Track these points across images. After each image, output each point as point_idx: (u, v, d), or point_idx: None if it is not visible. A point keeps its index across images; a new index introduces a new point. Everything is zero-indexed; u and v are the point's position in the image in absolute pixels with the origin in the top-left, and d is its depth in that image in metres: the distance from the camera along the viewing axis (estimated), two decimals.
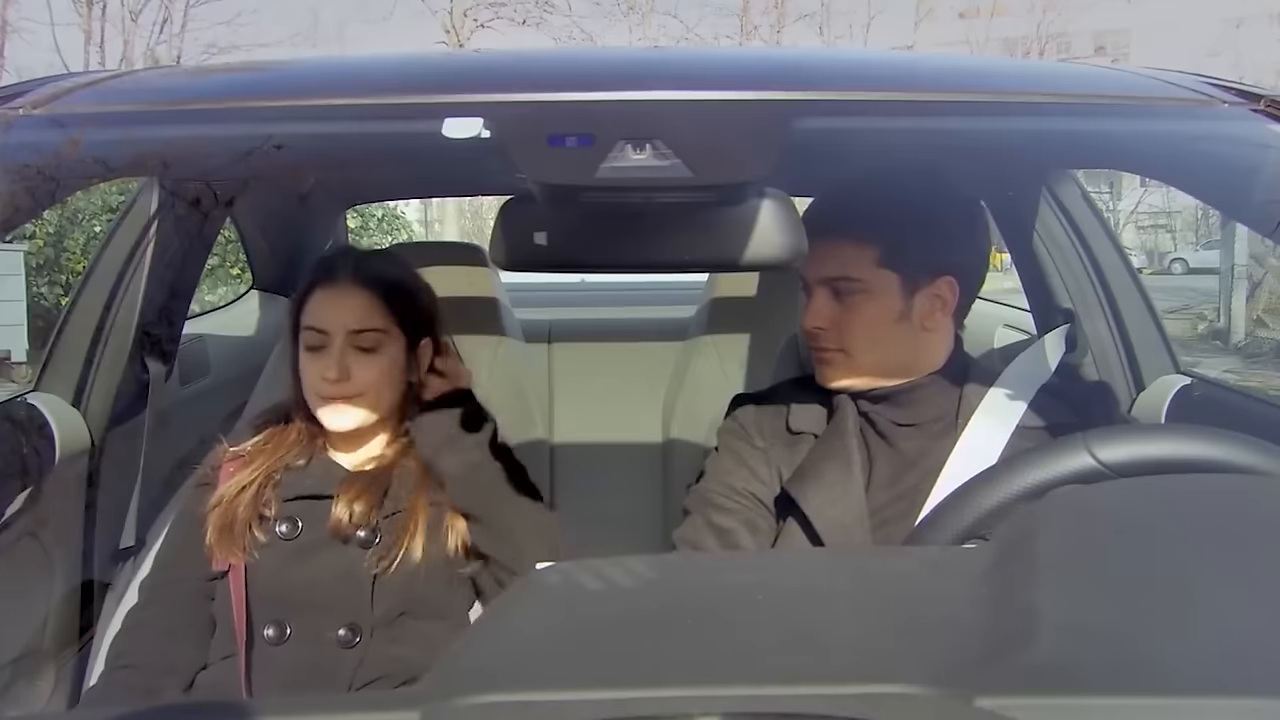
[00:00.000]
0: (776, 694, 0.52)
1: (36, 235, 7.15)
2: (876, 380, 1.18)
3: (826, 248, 1.15)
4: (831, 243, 1.15)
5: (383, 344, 1.30)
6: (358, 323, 1.29)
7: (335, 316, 1.29)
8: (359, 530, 1.28)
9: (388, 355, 1.31)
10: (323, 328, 1.29)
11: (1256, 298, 9.11)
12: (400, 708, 0.53)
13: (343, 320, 1.29)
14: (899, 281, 1.16)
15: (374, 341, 1.29)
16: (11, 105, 0.94)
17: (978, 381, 1.19)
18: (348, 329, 1.28)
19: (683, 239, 0.89)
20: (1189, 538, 0.68)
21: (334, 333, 1.28)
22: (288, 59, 1.75)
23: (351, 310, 1.29)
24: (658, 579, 0.70)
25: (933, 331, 1.19)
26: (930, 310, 1.18)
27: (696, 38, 17.79)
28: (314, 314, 1.30)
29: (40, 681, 1.30)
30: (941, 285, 1.18)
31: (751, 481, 1.22)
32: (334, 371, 1.28)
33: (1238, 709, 0.51)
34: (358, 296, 1.29)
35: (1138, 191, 16.63)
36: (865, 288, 1.16)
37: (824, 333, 1.18)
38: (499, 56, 1.19)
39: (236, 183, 1.62)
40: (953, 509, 0.86)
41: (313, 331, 1.29)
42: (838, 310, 1.18)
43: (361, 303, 1.29)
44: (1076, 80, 1.17)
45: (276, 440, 1.34)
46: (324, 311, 1.29)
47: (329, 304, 1.29)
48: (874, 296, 1.16)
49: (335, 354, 1.28)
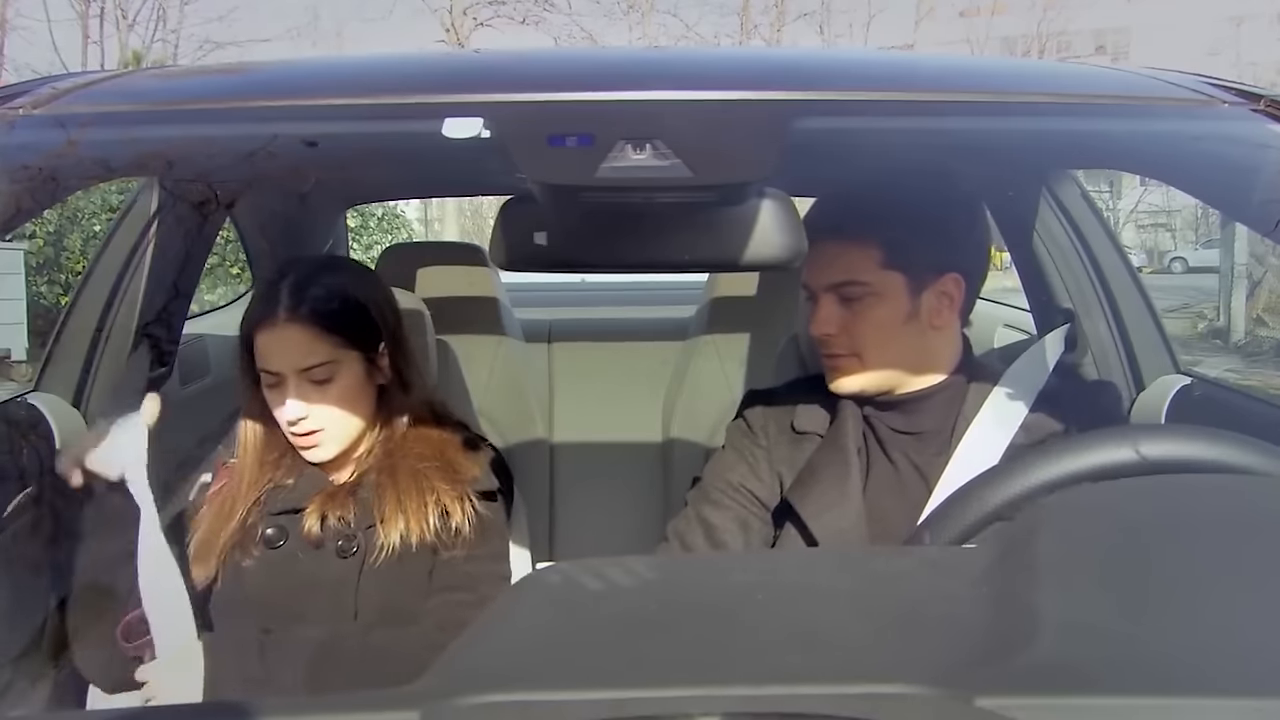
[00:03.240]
0: (777, 694, 0.52)
1: (37, 234, 7.15)
2: (889, 383, 1.18)
3: (828, 253, 1.15)
4: (833, 247, 1.15)
5: (336, 372, 1.28)
6: (304, 360, 1.26)
7: (281, 358, 1.26)
8: (337, 540, 1.28)
9: (343, 381, 1.29)
10: (272, 369, 1.27)
11: (1256, 297, 9.12)
12: (400, 708, 0.53)
13: (289, 361, 1.26)
14: (905, 281, 1.15)
15: (326, 374, 1.27)
16: (11, 105, 0.94)
17: (979, 387, 1.19)
18: (296, 369, 1.26)
19: (683, 239, 0.89)
20: (1189, 538, 0.68)
21: (285, 373, 1.27)
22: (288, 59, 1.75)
23: (296, 349, 1.26)
24: (658, 579, 0.70)
25: (941, 330, 1.19)
26: (938, 308, 1.17)
27: (697, 36, 17.82)
28: (262, 357, 1.28)
29: (40, 681, 1.30)
30: (947, 282, 1.17)
31: (749, 479, 1.22)
32: (293, 413, 1.26)
33: (1238, 709, 0.51)
34: (298, 333, 1.26)
35: (1137, 190, 16.63)
36: (872, 290, 1.15)
37: (834, 339, 1.17)
38: (498, 56, 1.19)
39: (236, 183, 1.62)
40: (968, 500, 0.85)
41: (265, 373, 1.28)
42: (846, 315, 1.17)
43: (304, 339, 1.26)
44: (1076, 80, 1.17)
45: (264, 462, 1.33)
46: (270, 354, 1.27)
47: (273, 346, 1.27)
48: (882, 298, 1.15)
49: (290, 396, 1.26)
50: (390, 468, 1.31)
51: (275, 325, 1.26)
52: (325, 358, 1.27)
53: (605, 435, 2.06)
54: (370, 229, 9.25)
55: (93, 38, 15.98)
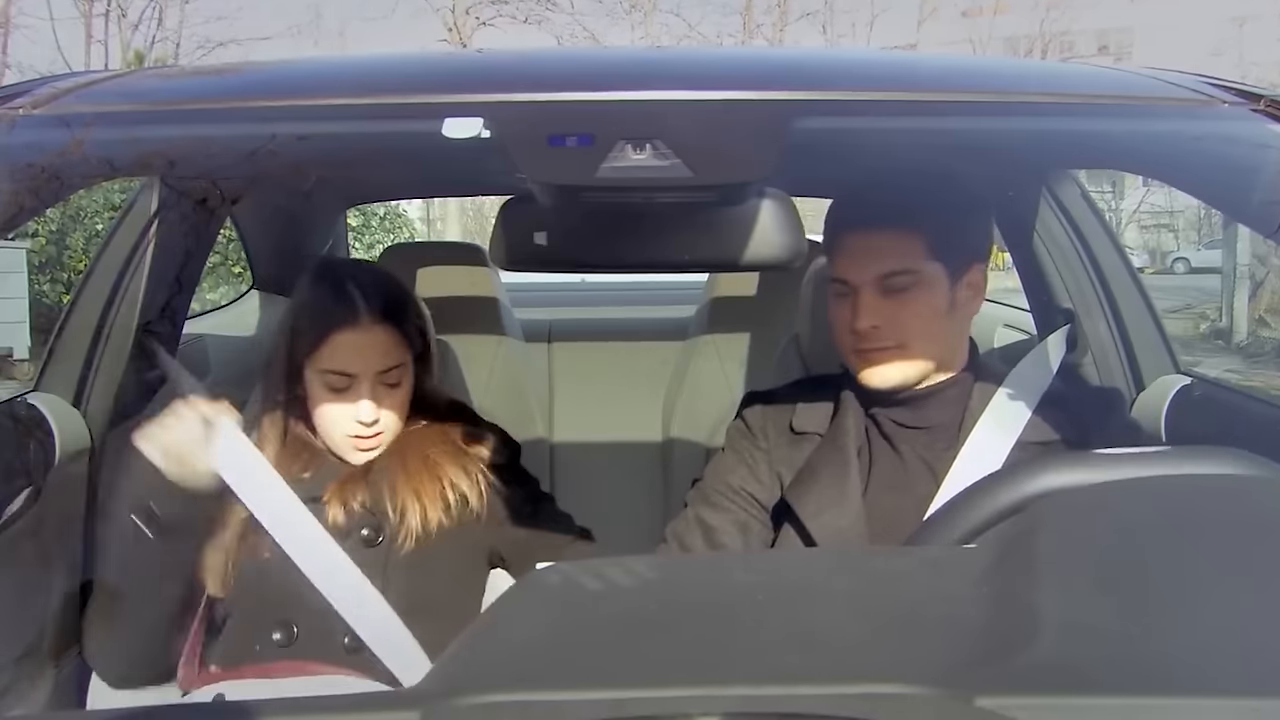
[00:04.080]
0: (777, 694, 0.52)
1: (39, 233, 7.16)
2: (923, 374, 1.17)
3: (874, 244, 1.13)
4: (879, 238, 1.13)
5: (404, 376, 1.29)
6: (384, 363, 1.26)
7: (362, 360, 1.25)
8: (361, 528, 1.27)
9: (408, 384, 1.30)
10: (349, 371, 1.25)
11: (1259, 297, 9.11)
12: (400, 707, 0.53)
13: (370, 364, 1.25)
14: (945, 272, 1.15)
15: (398, 377, 1.28)
16: (11, 105, 0.94)
17: (984, 386, 1.19)
18: (375, 370, 1.25)
19: (683, 239, 0.89)
20: (1189, 538, 0.68)
21: (361, 375, 1.25)
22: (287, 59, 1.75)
23: (377, 351, 1.25)
24: (658, 579, 0.70)
25: (965, 321, 1.19)
26: (969, 299, 1.18)
27: (699, 36, 17.84)
28: (337, 358, 1.25)
29: (40, 681, 1.30)
30: (976, 273, 1.17)
31: (749, 480, 1.22)
32: (367, 415, 1.25)
33: (1238, 709, 0.51)
34: (383, 335, 1.25)
35: (1140, 191, 16.64)
36: (919, 280, 1.14)
37: (878, 331, 1.14)
38: (498, 56, 1.19)
39: (236, 182, 1.62)
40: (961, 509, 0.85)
41: (335, 375, 1.25)
42: (890, 306, 1.14)
43: (387, 341, 1.26)
44: (1076, 80, 1.17)
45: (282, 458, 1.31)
46: (350, 355, 1.25)
47: (354, 347, 1.25)
48: (929, 288, 1.14)
49: (365, 397, 1.25)
50: (401, 457, 1.31)
51: (359, 326, 1.24)
52: (400, 360, 1.27)
53: (605, 435, 2.06)
54: (372, 228, 9.27)
55: (96, 36, 16.02)
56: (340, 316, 1.25)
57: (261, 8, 29.18)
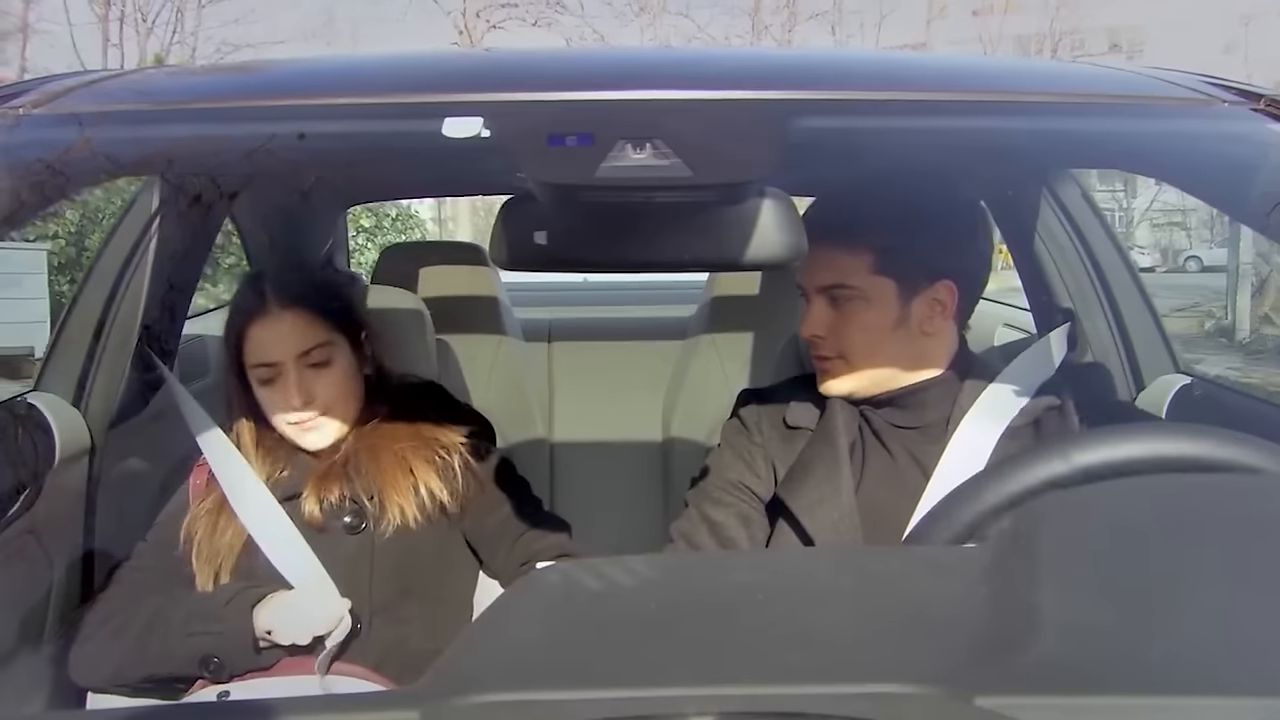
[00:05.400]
0: (777, 693, 0.52)
1: (59, 235, 7.18)
2: (877, 385, 1.18)
3: (821, 255, 1.14)
4: (826, 250, 1.14)
5: (332, 355, 1.30)
6: (303, 344, 1.28)
7: (281, 345, 1.28)
8: (344, 517, 1.29)
9: (340, 364, 1.31)
10: (270, 360, 1.28)
11: (1263, 295, 9.11)
12: (400, 707, 0.53)
13: (289, 348, 1.28)
14: (895, 288, 1.15)
15: (324, 355, 1.29)
16: (11, 105, 0.94)
17: (975, 382, 1.19)
18: (296, 353, 1.28)
19: (683, 239, 0.89)
20: (1189, 538, 0.68)
21: (284, 361, 1.28)
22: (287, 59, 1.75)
23: (294, 334, 1.28)
24: (658, 579, 0.70)
25: (932, 335, 1.18)
26: (929, 315, 1.17)
27: (708, 37, 17.83)
28: (258, 350, 1.29)
29: (40, 681, 1.30)
30: (940, 289, 1.17)
31: (747, 475, 1.23)
32: (297, 399, 1.28)
33: (1238, 709, 0.51)
34: (294, 318, 1.28)
35: (1152, 189, 16.59)
36: (861, 295, 1.16)
37: (822, 340, 1.18)
38: (498, 56, 1.19)
39: (236, 182, 1.62)
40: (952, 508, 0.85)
41: (262, 367, 1.29)
42: (835, 318, 1.17)
43: (300, 323, 1.28)
44: (1077, 80, 1.17)
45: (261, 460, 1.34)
46: (267, 344, 1.28)
47: (269, 334, 1.28)
48: (871, 304, 1.16)
49: (292, 382, 1.28)
50: (373, 452, 1.32)
51: (268, 314, 1.28)
52: (323, 338, 1.29)
53: (605, 434, 2.06)
54: (385, 228, 9.33)
55: (113, 40, 16.04)
56: (251, 310, 1.29)
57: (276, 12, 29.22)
